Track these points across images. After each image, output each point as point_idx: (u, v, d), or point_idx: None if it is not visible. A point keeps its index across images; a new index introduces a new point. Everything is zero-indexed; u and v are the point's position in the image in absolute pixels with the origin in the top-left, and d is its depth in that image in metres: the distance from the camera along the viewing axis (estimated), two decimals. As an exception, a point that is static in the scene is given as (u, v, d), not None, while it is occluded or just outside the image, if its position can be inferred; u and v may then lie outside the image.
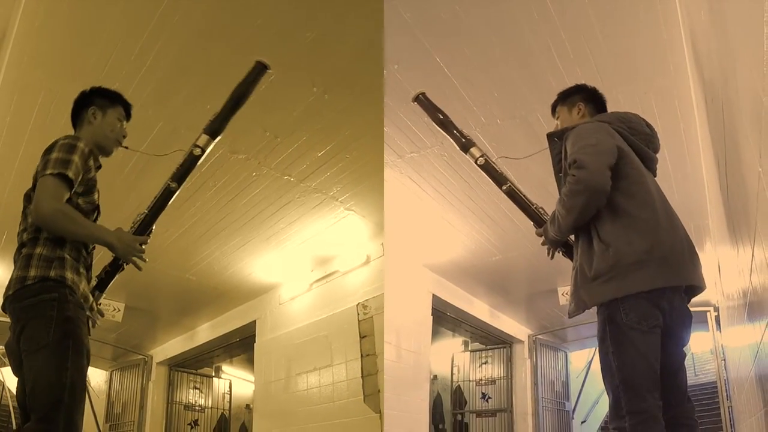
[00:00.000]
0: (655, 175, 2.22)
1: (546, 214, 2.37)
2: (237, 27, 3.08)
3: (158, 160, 2.54)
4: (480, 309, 7.44)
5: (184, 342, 8.20)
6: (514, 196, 2.47)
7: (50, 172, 2.02)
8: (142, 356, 8.72)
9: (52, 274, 2.02)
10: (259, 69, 2.45)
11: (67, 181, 2.04)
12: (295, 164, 4.27)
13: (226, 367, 9.67)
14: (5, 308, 2.07)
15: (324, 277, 5.91)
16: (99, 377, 9.28)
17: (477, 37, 3.21)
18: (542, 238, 2.32)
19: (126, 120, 2.41)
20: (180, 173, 2.34)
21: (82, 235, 2.11)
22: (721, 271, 3.57)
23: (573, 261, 2.16)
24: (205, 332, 7.80)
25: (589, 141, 2.04)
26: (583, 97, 2.40)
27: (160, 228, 5.29)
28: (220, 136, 2.41)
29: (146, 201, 2.41)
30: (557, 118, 2.45)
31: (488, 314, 7.62)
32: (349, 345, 5.40)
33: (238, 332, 7.29)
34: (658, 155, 2.29)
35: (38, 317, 1.97)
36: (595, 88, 2.42)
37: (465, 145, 2.57)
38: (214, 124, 2.38)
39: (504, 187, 2.48)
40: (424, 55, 3.30)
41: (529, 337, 8.47)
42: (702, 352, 11.43)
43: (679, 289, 1.99)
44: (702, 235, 4.91)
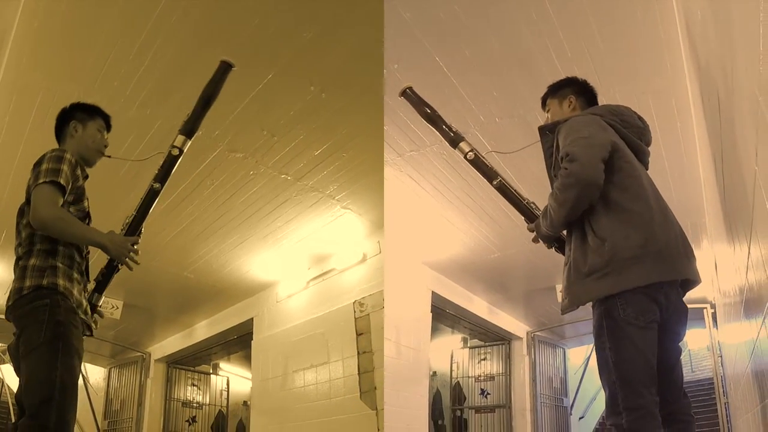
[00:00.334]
0: (647, 169, 2.20)
1: (538, 209, 2.33)
2: (234, 27, 3.10)
3: (152, 164, 2.62)
4: (479, 306, 7.48)
5: (182, 339, 8.22)
6: (504, 191, 2.42)
7: (43, 180, 2.15)
8: (140, 353, 8.74)
9: (45, 282, 2.16)
10: (224, 68, 2.53)
11: (60, 187, 2.17)
12: (292, 163, 4.29)
13: (223, 364, 9.69)
14: (8, 317, 2.23)
15: (321, 275, 5.93)
16: (97, 374, 9.30)
17: (476, 37, 3.22)
18: (534, 233, 2.29)
19: (107, 131, 2.53)
20: (161, 174, 2.45)
21: (78, 237, 2.25)
22: (718, 269, 3.58)
23: (565, 256, 2.13)
24: (202, 329, 7.83)
25: (582, 134, 2.00)
26: (574, 90, 2.37)
27: (158, 226, 5.31)
28: (195, 134, 2.52)
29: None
30: (547, 111, 2.43)
31: (487, 311, 7.66)
32: (345, 342, 5.43)
33: (235, 329, 7.31)
34: (653, 152, 2.28)
35: (32, 322, 2.11)
36: (586, 81, 2.39)
37: (454, 139, 2.53)
38: (188, 125, 2.48)
39: (495, 182, 2.44)
40: (423, 55, 3.32)
41: (527, 333, 8.51)
42: (699, 348, 11.47)
43: (675, 283, 1.97)
44: (699, 232, 4.93)
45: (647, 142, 2.24)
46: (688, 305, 2.07)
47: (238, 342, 7.75)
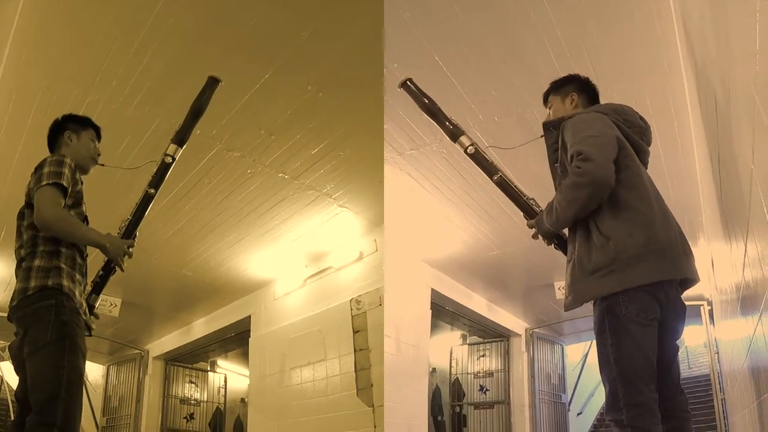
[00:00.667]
0: (647, 168, 2.19)
1: (538, 206, 2.32)
2: (232, 27, 3.12)
3: (147, 168, 2.67)
4: (478, 303, 7.52)
5: (180, 337, 8.25)
6: (505, 186, 2.40)
7: (46, 182, 2.22)
8: (138, 351, 8.78)
9: (50, 282, 2.21)
10: (211, 82, 2.70)
11: (62, 189, 2.24)
12: (290, 162, 4.31)
13: (221, 362, 9.73)
14: (11, 318, 2.28)
15: (318, 273, 5.96)
16: (96, 371, 9.32)
17: (475, 36, 3.24)
18: (533, 229, 2.27)
19: (98, 140, 2.62)
20: (155, 180, 2.59)
21: (79, 237, 2.32)
22: (715, 266, 3.58)
23: (568, 254, 2.12)
24: (200, 327, 7.85)
25: (591, 132, 1.98)
26: (577, 87, 2.36)
27: (156, 224, 5.32)
28: (186, 143, 2.66)
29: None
30: (549, 108, 2.41)
31: (486, 308, 7.70)
32: (342, 340, 5.45)
33: (233, 327, 7.34)
34: (651, 150, 2.27)
35: (38, 322, 2.16)
36: (588, 79, 2.39)
37: (454, 133, 2.49)
38: (179, 135, 2.63)
39: (495, 177, 2.42)
40: (423, 54, 3.34)
41: (526, 330, 8.56)
42: (695, 345, 11.52)
43: (675, 282, 1.98)
44: (695, 230, 4.95)
45: (648, 142, 2.23)
46: (685, 302, 2.08)
47: (235, 339, 7.79)
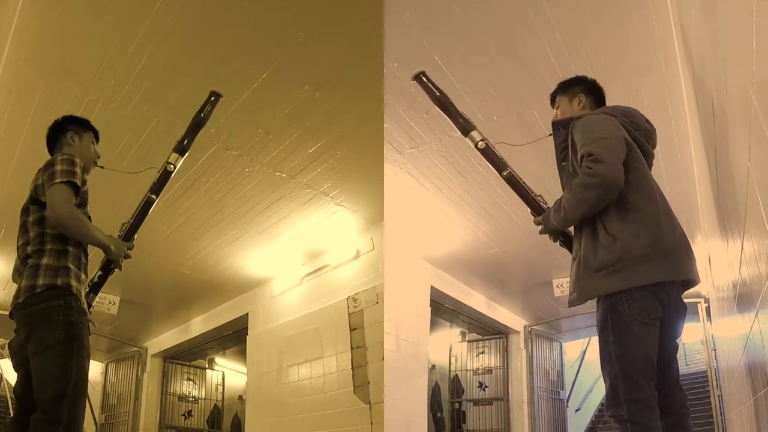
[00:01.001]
0: (651, 170, 2.21)
1: (545, 203, 2.35)
2: (229, 27, 3.15)
3: (140, 167, 2.73)
4: (477, 300, 7.56)
5: (178, 334, 8.28)
6: (513, 182, 2.42)
7: (59, 180, 2.24)
8: (137, 348, 8.81)
9: (59, 282, 2.23)
10: (214, 97, 2.81)
11: (75, 187, 2.27)
12: (287, 161, 4.34)
13: (219, 359, 9.76)
14: (12, 315, 2.28)
15: (315, 271, 5.98)
16: (95, 369, 9.34)
17: (474, 36, 3.27)
18: (540, 226, 2.29)
19: (96, 143, 2.65)
20: (157, 186, 2.64)
21: (87, 236, 2.33)
22: (712, 264, 3.59)
23: (573, 251, 2.15)
24: (198, 325, 7.88)
25: (601, 134, 2.01)
26: (584, 89, 2.38)
27: (154, 223, 5.35)
28: (187, 153, 2.73)
29: (134, 205, 2.64)
30: (557, 108, 2.43)
31: (485, 305, 7.75)
32: (339, 337, 5.49)
33: (230, 325, 7.37)
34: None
35: (46, 321, 2.17)
36: (595, 80, 2.42)
37: (465, 127, 2.49)
38: (181, 145, 2.70)
39: (504, 173, 2.42)
40: (422, 54, 3.36)
41: (524, 327, 8.61)
42: (693, 342, 11.55)
43: (676, 282, 2.02)
44: (693, 228, 4.97)
45: (653, 144, 2.27)
46: (683, 299, 2.13)
47: (233, 337, 7.81)
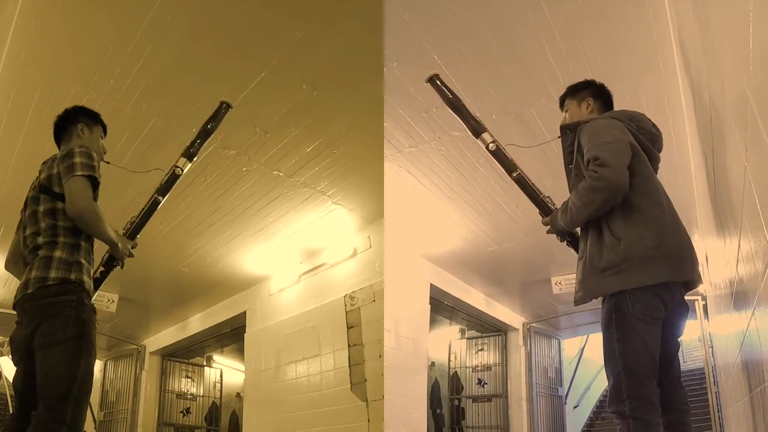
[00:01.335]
0: (656, 173, 2.26)
1: (553, 204, 2.40)
2: (227, 27, 3.17)
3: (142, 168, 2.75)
4: (476, 298, 7.60)
5: (177, 332, 8.32)
6: (523, 183, 2.46)
7: (80, 173, 2.20)
8: (135, 346, 8.84)
9: (73, 277, 2.19)
10: (224, 107, 2.88)
11: (94, 182, 2.24)
12: (285, 159, 4.37)
13: (217, 357, 9.80)
14: (17, 306, 2.22)
15: (312, 269, 6.02)
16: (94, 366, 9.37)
17: (474, 35, 3.29)
18: (548, 226, 2.35)
19: (103, 137, 2.63)
20: (164, 188, 2.68)
21: (102, 232, 2.28)
22: (709, 262, 3.61)
23: (579, 251, 2.21)
24: (196, 323, 7.92)
25: (607, 138, 2.05)
26: (592, 93, 2.42)
27: (153, 221, 5.34)
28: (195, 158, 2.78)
29: (134, 202, 2.61)
30: (566, 111, 2.47)
31: (484, 303, 7.79)
32: (336, 335, 5.52)
33: (228, 323, 7.41)
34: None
35: (57, 316, 2.13)
36: (603, 84, 2.45)
37: (476, 129, 2.54)
38: (189, 150, 2.73)
39: (514, 174, 2.47)
40: (422, 53, 3.39)
41: (523, 325, 8.65)
42: (690, 339, 11.58)
43: (679, 283, 2.08)
44: (690, 226, 4.90)
45: (659, 148, 2.30)
46: None
47: (231, 335, 7.85)
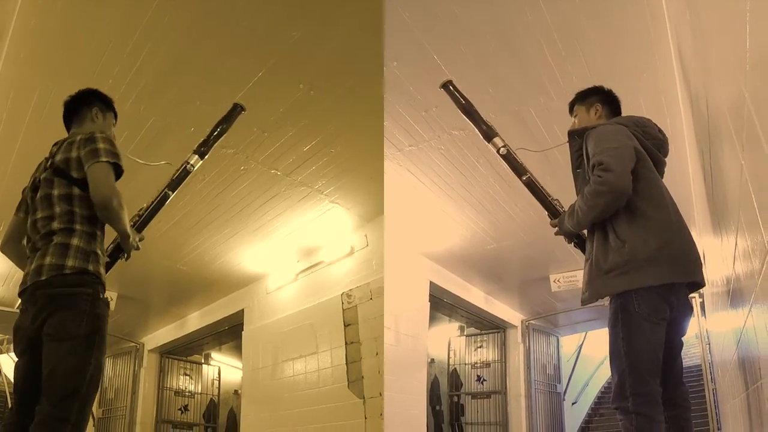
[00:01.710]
0: (662, 177, 2.32)
1: (561, 206, 2.46)
2: (225, 26, 3.19)
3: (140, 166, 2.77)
4: (475, 295, 7.64)
5: (175, 330, 8.34)
6: (532, 187, 2.52)
7: (105, 159, 2.11)
8: (134, 344, 8.87)
9: (91, 267, 2.09)
10: (238, 109, 2.90)
11: (118, 170, 2.16)
12: (282, 158, 4.39)
13: (215, 354, 9.82)
14: (24, 292, 2.10)
15: (309, 268, 6.04)
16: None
17: (473, 35, 3.32)
18: (556, 228, 2.42)
19: (114, 125, 2.58)
20: (174, 183, 2.66)
21: (122, 223, 2.18)
22: (706, 259, 3.66)
23: (586, 253, 2.28)
24: (194, 320, 7.95)
25: (612, 144, 2.11)
26: (601, 99, 2.48)
27: (152, 219, 5.37)
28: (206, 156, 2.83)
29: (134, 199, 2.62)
30: (575, 116, 2.53)
31: (483, 300, 7.83)
32: (333, 333, 5.54)
33: (226, 320, 7.43)
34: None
35: (72, 308, 2.03)
36: (611, 91, 2.51)
37: (488, 134, 2.60)
38: (201, 147, 2.77)
39: (524, 178, 2.53)
40: (422, 53, 3.41)
41: (522, 322, 8.71)
42: (688, 336, 11.61)
43: (683, 284, 2.14)
44: (688, 224, 4.92)
45: (665, 153, 2.36)
46: None
47: (229, 332, 7.87)
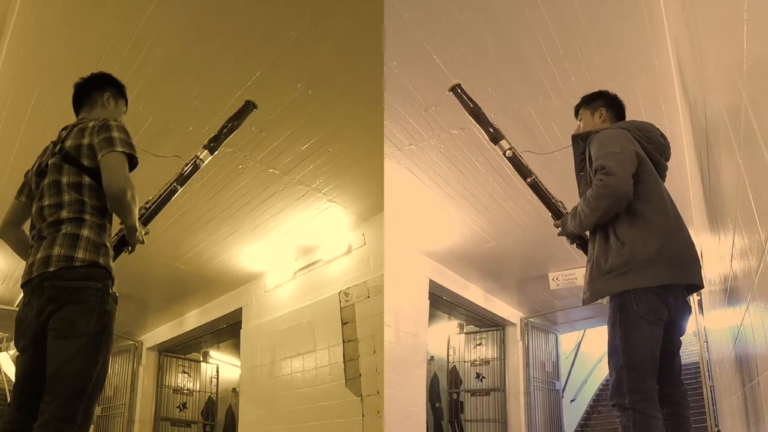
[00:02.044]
0: (664, 181, 2.35)
1: (564, 208, 2.50)
2: (224, 26, 3.22)
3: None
4: (474, 293, 7.68)
5: (173, 328, 8.37)
6: (537, 189, 2.57)
7: (121, 150, 2.03)
8: (132, 342, 8.89)
9: (101, 261, 2.01)
10: (250, 107, 2.95)
11: (132, 161, 2.08)
12: (280, 157, 4.41)
13: (213, 352, 9.85)
14: (29, 283, 2.00)
15: (307, 266, 6.07)
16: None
17: (472, 35, 3.34)
18: (559, 229, 2.47)
19: (125, 112, 2.48)
20: (184, 178, 2.62)
21: (132, 216, 2.11)
22: (704, 258, 3.71)
23: (588, 254, 2.33)
24: (193, 319, 7.97)
25: (614, 148, 2.16)
26: (605, 103, 2.52)
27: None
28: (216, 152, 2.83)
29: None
30: (580, 120, 2.58)
31: (482, 298, 7.88)
32: (331, 331, 5.57)
33: (225, 319, 7.46)
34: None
35: (81, 303, 1.95)
36: (616, 95, 2.56)
37: (495, 137, 2.65)
38: (211, 143, 2.77)
39: (528, 180, 2.58)
40: (421, 53, 3.43)
41: (521, 320, 8.75)
42: (685, 334, 11.69)
43: (681, 286, 2.18)
44: (686, 223, 5.01)
45: (667, 158, 2.40)
46: None
47: (227, 331, 7.90)
